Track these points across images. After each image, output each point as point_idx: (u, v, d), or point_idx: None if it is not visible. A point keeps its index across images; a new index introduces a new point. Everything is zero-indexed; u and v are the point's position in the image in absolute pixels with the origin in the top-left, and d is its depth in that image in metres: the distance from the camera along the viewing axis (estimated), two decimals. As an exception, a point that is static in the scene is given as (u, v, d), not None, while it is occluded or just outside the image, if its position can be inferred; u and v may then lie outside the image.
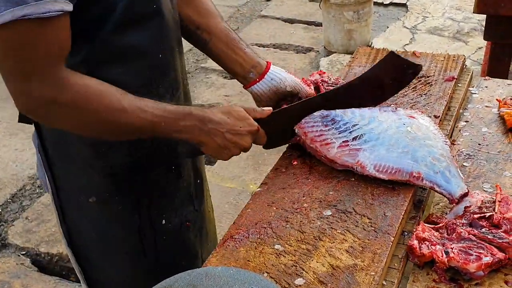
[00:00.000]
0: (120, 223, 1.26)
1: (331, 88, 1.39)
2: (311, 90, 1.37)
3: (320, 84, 1.41)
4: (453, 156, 1.22)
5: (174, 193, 1.29)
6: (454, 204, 1.11)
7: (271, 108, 1.22)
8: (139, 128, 1.06)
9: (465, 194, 1.10)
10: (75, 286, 2.47)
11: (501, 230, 1.01)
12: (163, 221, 1.28)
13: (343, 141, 1.21)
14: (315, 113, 1.27)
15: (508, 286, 0.95)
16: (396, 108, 1.31)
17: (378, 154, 1.17)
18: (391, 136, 1.20)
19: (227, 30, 1.32)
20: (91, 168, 1.18)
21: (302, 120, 1.27)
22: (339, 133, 1.22)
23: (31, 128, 1.27)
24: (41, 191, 3.13)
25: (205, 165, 1.52)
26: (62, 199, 1.25)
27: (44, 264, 2.62)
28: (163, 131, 1.08)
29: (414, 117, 1.26)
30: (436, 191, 1.13)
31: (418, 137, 1.20)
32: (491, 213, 1.03)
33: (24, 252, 2.66)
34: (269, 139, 1.23)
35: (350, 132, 1.22)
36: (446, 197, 1.12)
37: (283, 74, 1.33)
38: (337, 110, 1.27)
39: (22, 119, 1.18)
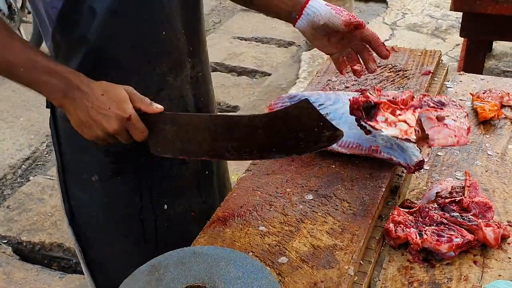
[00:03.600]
0: (122, 204, 1.26)
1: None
2: (346, 17, 1.23)
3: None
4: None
5: (178, 179, 1.29)
6: (411, 174, 1.22)
7: (161, 107, 1.08)
8: None
9: (421, 162, 1.17)
10: (57, 274, 2.49)
11: (470, 213, 1.07)
12: (165, 206, 1.28)
13: None
14: (283, 95, 1.29)
15: (476, 266, 1.02)
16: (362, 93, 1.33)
17: None
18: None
19: None
20: (95, 146, 1.16)
21: (271, 102, 1.28)
22: None
23: (12, 118, 1.30)
24: (22, 180, 3.13)
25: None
26: (66, 177, 1.26)
27: (26, 253, 2.63)
28: (22, 78, 1.02)
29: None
30: (394, 162, 1.21)
31: None
32: (461, 198, 1.10)
33: (5, 241, 2.66)
34: (159, 143, 1.10)
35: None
36: (403, 167, 1.20)
37: (320, 7, 1.24)
38: (304, 91, 1.29)
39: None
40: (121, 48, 1.12)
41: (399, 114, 1.08)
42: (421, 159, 1.18)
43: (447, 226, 1.06)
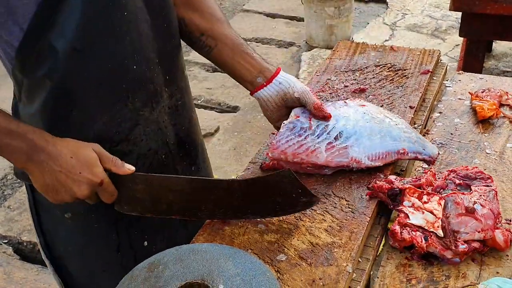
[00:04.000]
0: (98, 240, 1.20)
1: None
2: (318, 100, 1.24)
3: None
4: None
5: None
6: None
7: (133, 168, 1.05)
8: None
9: (438, 153, 1.26)
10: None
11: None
12: (145, 243, 1.22)
13: (327, 144, 1.19)
14: (281, 130, 1.22)
15: (474, 263, 1.02)
16: (346, 102, 1.31)
17: (364, 145, 1.20)
18: (364, 126, 1.23)
19: (233, 36, 1.24)
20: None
21: (273, 141, 1.21)
22: (318, 138, 1.20)
23: None
24: (23, 180, 3.14)
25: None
26: (39, 212, 1.21)
27: (26, 253, 2.63)
28: None
29: (364, 105, 1.31)
30: (419, 159, 1.24)
31: (382, 120, 1.26)
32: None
33: (6, 241, 2.66)
34: (127, 202, 1.08)
35: (328, 133, 1.21)
36: (427, 160, 1.23)
37: (293, 79, 1.25)
38: (300, 117, 1.23)
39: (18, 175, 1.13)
40: (87, 86, 1.04)
41: (425, 202, 1.07)
42: (437, 151, 1.25)
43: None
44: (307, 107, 1.23)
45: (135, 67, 1.07)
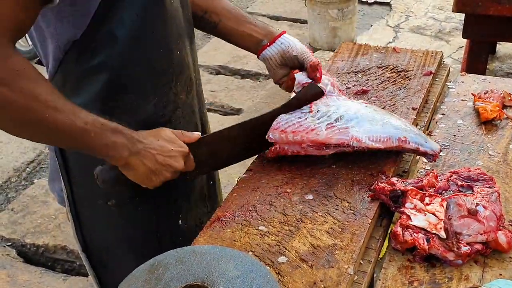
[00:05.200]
0: (139, 225, 1.26)
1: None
2: (316, 59, 1.31)
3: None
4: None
5: (189, 194, 1.31)
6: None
7: (199, 133, 1.18)
8: (62, 130, 0.98)
9: (440, 150, 1.26)
10: (60, 277, 2.49)
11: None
12: (180, 222, 1.30)
13: (327, 124, 1.21)
14: (281, 115, 1.25)
15: (477, 265, 1.02)
16: (349, 97, 1.34)
17: (365, 128, 1.21)
18: (366, 114, 1.24)
19: (234, 9, 1.33)
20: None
21: (274, 123, 1.24)
22: (318, 120, 1.23)
23: None
24: (27, 183, 3.14)
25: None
26: (78, 205, 1.24)
27: (30, 255, 2.63)
28: (90, 143, 1.01)
29: (366, 103, 1.32)
30: (420, 152, 1.23)
31: (384, 113, 1.27)
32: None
33: (9, 243, 2.67)
34: (198, 166, 1.18)
35: (328, 116, 1.23)
36: (428, 155, 1.23)
37: (294, 41, 1.31)
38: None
39: None
40: (141, 71, 1.12)
41: (427, 204, 1.06)
42: (439, 147, 1.26)
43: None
44: (305, 66, 1.30)
45: (178, 52, 1.16)
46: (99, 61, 1.07)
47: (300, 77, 1.30)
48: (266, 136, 1.24)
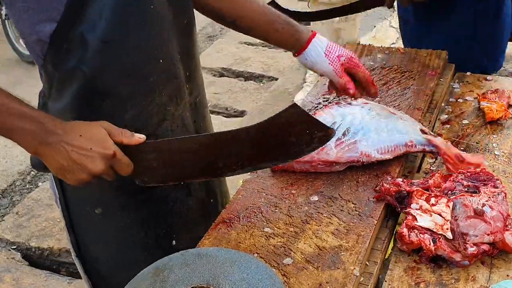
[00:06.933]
0: (127, 238, 1.23)
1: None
2: (344, 79, 1.31)
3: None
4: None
5: (184, 212, 1.25)
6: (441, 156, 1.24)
7: (143, 136, 1.04)
8: None
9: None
10: (65, 280, 2.49)
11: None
12: (173, 242, 1.24)
13: (336, 140, 1.21)
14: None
15: (484, 266, 1.01)
16: (350, 103, 1.31)
17: (373, 140, 1.21)
18: (370, 122, 1.24)
19: (262, 13, 1.31)
20: (100, 178, 1.10)
21: None
22: None
23: None
24: (31, 186, 3.15)
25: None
26: (70, 210, 1.22)
27: (35, 259, 2.64)
28: None
29: (367, 103, 1.31)
30: (426, 151, 1.23)
31: (387, 115, 1.27)
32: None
33: (14, 247, 2.67)
34: (144, 173, 1.07)
35: (336, 130, 1.21)
36: (435, 153, 1.23)
37: (317, 57, 1.31)
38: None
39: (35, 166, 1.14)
40: (117, 78, 1.07)
41: (433, 204, 1.05)
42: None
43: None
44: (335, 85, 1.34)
45: (161, 61, 1.11)
46: (72, 65, 1.03)
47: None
48: None
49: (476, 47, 1.78)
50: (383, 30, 4.46)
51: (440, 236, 1.02)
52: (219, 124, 3.48)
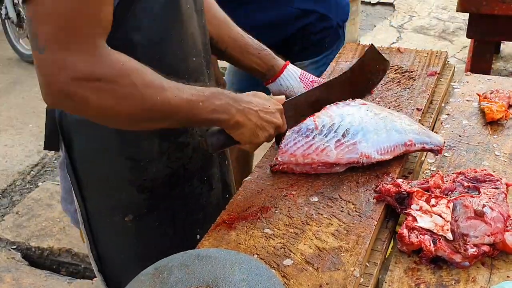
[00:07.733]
0: (156, 239, 1.24)
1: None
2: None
3: None
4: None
5: (206, 207, 1.30)
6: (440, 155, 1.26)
7: (283, 96, 1.25)
8: (175, 107, 1.00)
9: (444, 142, 1.28)
10: (65, 280, 2.49)
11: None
12: (198, 236, 1.26)
13: (336, 141, 1.21)
14: (287, 133, 1.24)
15: (484, 267, 1.01)
16: (348, 103, 1.32)
17: (372, 140, 1.21)
18: (369, 122, 1.24)
19: (239, 38, 1.36)
20: (129, 184, 1.16)
21: (281, 146, 1.23)
22: (326, 137, 1.22)
23: (21, 124, 1.26)
24: (31, 186, 3.15)
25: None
26: (93, 224, 1.23)
27: (35, 258, 2.64)
28: (199, 112, 1.03)
29: (365, 103, 1.32)
30: (426, 150, 1.24)
31: (385, 116, 1.27)
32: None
33: (14, 247, 2.67)
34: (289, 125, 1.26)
35: (335, 131, 1.22)
36: (434, 151, 1.24)
37: (293, 82, 1.38)
38: (306, 120, 1.25)
39: (49, 143, 1.16)
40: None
41: (433, 205, 1.05)
42: (443, 139, 1.27)
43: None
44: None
45: (194, 58, 1.15)
46: None
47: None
48: (274, 159, 1.24)
49: None
50: (383, 29, 4.46)
51: (440, 237, 1.02)
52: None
